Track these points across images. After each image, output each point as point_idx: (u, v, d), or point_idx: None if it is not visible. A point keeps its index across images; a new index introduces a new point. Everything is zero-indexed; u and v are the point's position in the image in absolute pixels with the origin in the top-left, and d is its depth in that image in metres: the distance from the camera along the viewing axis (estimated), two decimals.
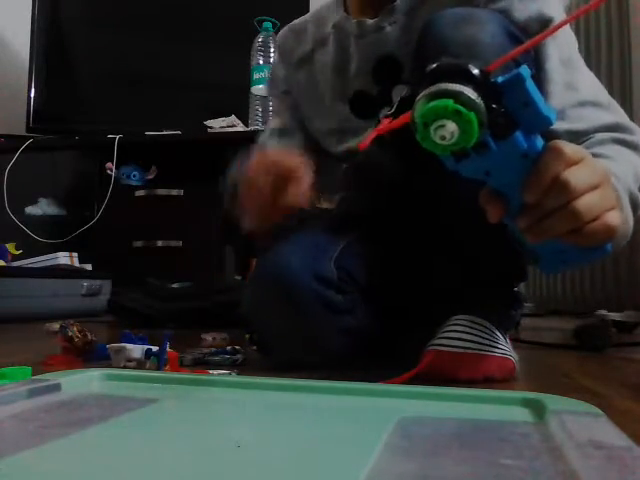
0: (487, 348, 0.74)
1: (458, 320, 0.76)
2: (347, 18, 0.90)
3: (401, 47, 0.84)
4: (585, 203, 0.50)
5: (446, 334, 0.75)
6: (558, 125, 0.71)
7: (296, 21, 1.01)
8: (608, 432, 0.35)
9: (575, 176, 0.49)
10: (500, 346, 0.76)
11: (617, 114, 0.75)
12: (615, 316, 1.33)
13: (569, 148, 0.50)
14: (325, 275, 0.80)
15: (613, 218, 0.52)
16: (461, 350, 0.73)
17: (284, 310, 0.79)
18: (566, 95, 0.73)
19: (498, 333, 0.77)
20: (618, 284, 1.88)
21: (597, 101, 0.74)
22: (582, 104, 0.73)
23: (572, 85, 0.74)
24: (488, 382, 0.71)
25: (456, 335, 0.74)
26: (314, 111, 0.97)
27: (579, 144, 0.69)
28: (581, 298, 2.02)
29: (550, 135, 0.68)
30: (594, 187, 0.51)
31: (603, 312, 1.43)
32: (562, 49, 0.76)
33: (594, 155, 0.67)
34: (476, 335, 0.75)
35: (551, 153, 0.49)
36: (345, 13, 0.91)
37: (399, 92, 0.86)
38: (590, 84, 0.76)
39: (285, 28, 1.02)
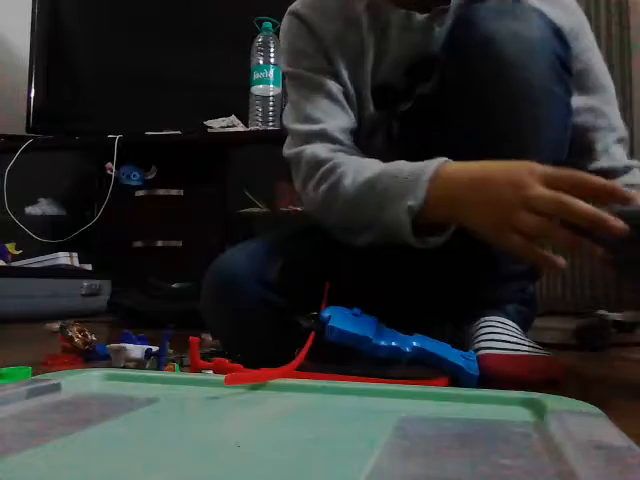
0: (530, 349, 0.73)
1: (490, 322, 0.74)
2: (388, 6, 0.84)
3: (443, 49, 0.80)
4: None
5: (485, 336, 0.73)
6: (603, 162, 0.85)
7: (315, 1, 0.89)
8: (608, 432, 0.35)
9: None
10: (536, 346, 0.75)
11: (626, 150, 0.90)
12: (615, 316, 1.33)
13: None
14: (269, 279, 0.80)
15: None
16: (513, 352, 0.71)
17: (229, 313, 0.80)
18: (610, 134, 0.87)
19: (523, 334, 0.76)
20: (618, 284, 1.88)
21: (625, 138, 0.89)
22: (619, 141, 0.88)
23: (612, 125, 0.87)
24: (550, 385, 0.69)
25: (497, 337, 0.72)
26: None
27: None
28: (581, 298, 2.01)
29: (597, 170, 0.83)
30: None
31: (603, 312, 1.42)
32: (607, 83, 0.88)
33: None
34: (512, 336, 0.73)
35: None
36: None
37: (421, 89, 0.83)
38: (619, 119, 0.89)
39: (305, 9, 0.90)
